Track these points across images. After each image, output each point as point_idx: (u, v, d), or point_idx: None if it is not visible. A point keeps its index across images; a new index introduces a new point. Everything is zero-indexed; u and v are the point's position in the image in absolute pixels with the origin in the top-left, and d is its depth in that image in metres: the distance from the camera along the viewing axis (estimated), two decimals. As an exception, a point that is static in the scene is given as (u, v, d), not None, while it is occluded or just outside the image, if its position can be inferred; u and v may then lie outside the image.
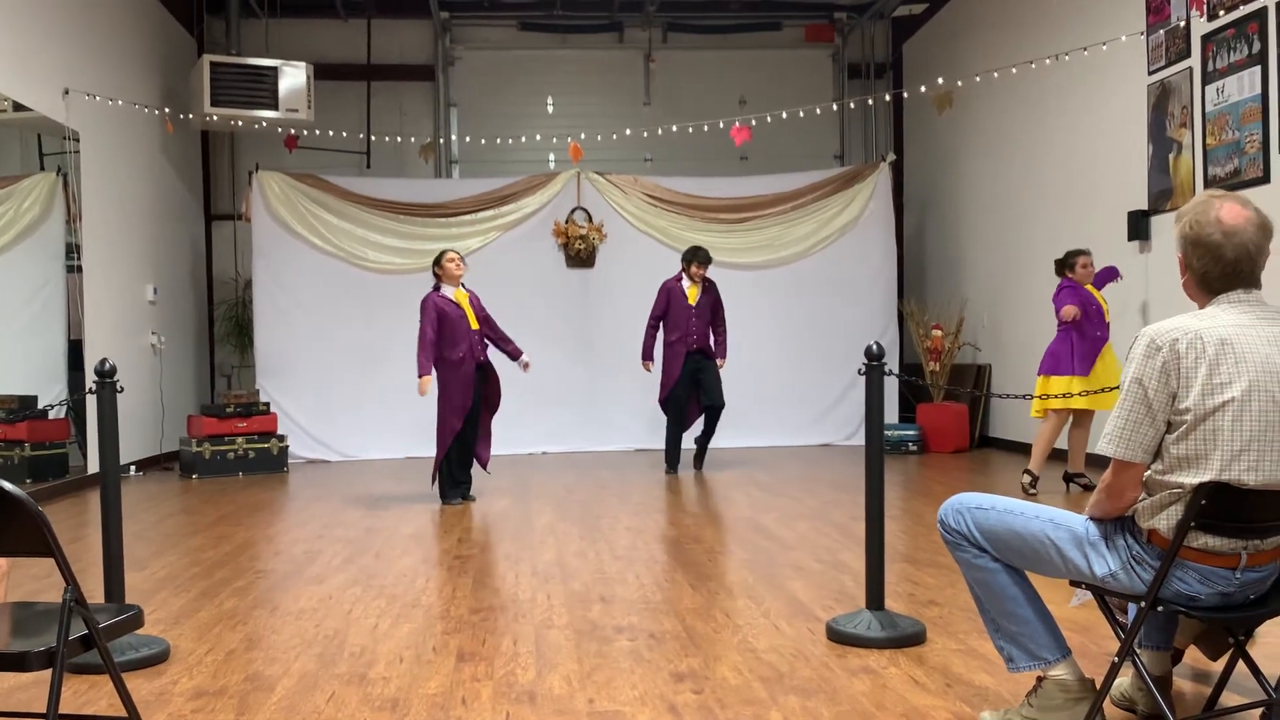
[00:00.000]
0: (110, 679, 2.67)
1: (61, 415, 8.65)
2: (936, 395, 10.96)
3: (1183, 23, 7.66)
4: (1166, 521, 2.54)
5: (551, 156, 12.54)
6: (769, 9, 12.77)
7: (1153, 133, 8.07)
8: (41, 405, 8.19)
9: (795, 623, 4.12)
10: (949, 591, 4.56)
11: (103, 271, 9.25)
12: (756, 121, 9.69)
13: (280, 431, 10.17)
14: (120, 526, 3.86)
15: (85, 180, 8.91)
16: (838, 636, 3.85)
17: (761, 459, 9.37)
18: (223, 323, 12.30)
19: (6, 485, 2.35)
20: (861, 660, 3.63)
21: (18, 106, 7.95)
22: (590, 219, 11.25)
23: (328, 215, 10.98)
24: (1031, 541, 2.76)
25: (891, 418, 11.16)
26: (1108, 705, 3.04)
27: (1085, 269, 7.53)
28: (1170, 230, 7.71)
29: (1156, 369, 2.51)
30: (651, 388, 11.01)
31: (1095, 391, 6.68)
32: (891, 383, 10.77)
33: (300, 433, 10.69)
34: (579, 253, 11.20)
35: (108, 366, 3.84)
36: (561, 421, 11.10)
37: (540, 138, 11.72)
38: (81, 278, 8.82)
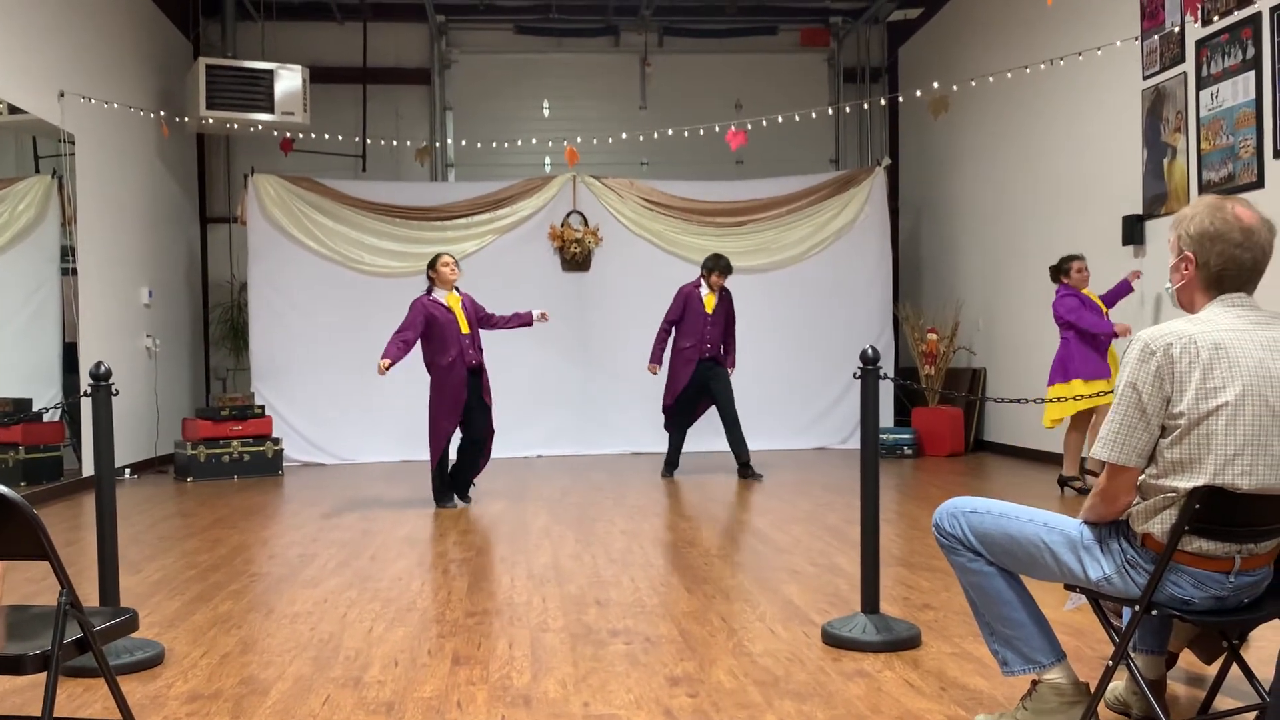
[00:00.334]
0: (105, 682, 2.66)
1: (56, 418, 8.64)
2: (932, 399, 10.98)
3: (1177, 28, 7.68)
4: (1161, 525, 2.55)
5: (547, 160, 12.55)
6: (765, 13, 12.78)
7: (1147, 137, 8.09)
8: (36, 408, 8.18)
9: (790, 626, 4.12)
10: (944, 595, 4.56)
11: (98, 274, 9.25)
12: (752, 125, 9.70)
13: (275, 434, 10.16)
14: (115, 529, 3.85)
15: (80, 183, 8.90)
16: (833, 640, 3.85)
17: (757, 462, 9.37)
18: (218, 326, 12.29)
19: (1, 488, 2.35)
20: (856, 664, 3.63)
21: (13, 109, 7.94)
22: (586, 222, 11.26)
23: (323, 218, 10.98)
24: (1026, 545, 2.77)
25: (887, 421, 11.18)
26: (1102, 709, 3.05)
27: (1080, 273, 7.58)
28: (1164, 234, 7.75)
29: (1150, 373, 2.51)
30: (648, 391, 11.03)
31: (1096, 395, 6.70)
32: (887, 386, 10.78)
33: (295, 436, 10.69)
34: (575, 256, 11.21)
35: (103, 369, 3.83)
36: (557, 425, 11.10)
37: (536, 141, 11.73)
38: (76, 280, 8.81)
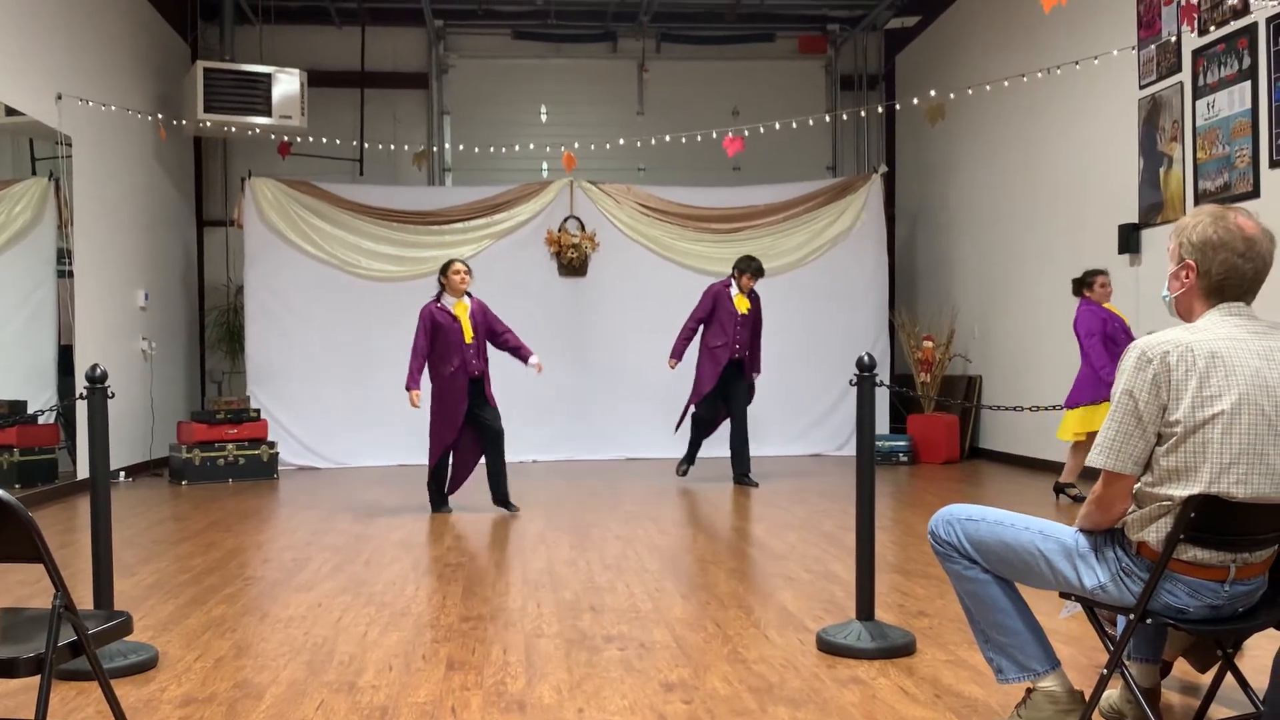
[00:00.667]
0: (99, 686, 2.66)
1: (51, 420, 8.62)
2: (927, 406, 10.99)
3: (1174, 38, 7.70)
4: (1156, 534, 2.55)
5: (544, 165, 12.56)
6: (762, 20, 12.81)
7: (1144, 147, 8.11)
8: (31, 410, 8.17)
9: (785, 633, 4.12)
10: (939, 602, 4.56)
11: (94, 277, 9.23)
12: (749, 132, 9.71)
13: (270, 438, 10.15)
14: (109, 532, 3.84)
15: (77, 185, 8.89)
16: (828, 647, 3.85)
17: (752, 468, 9.36)
18: (214, 329, 12.28)
19: (-3, 491, 2.35)
20: (851, 671, 3.63)
21: (10, 111, 7.93)
22: (583, 228, 11.26)
23: (320, 222, 10.98)
24: (1021, 553, 2.77)
25: (882, 428, 11.18)
26: (1096, 717, 3.05)
27: (1104, 288, 7.43)
28: (1161, 243, 7.77)
29: (1147, 381, 2.52)
30: (644, 397, 11.04)
31: None
32: (882, 393, 10.79)
33: (290, 439, 10.68)
34: (571, 261, 11.21)
35: (99, 372, 3.83)
36: (552, 430, 11.09)
37: (533, 146, 11.74)
38: (73, 283, 8.80)
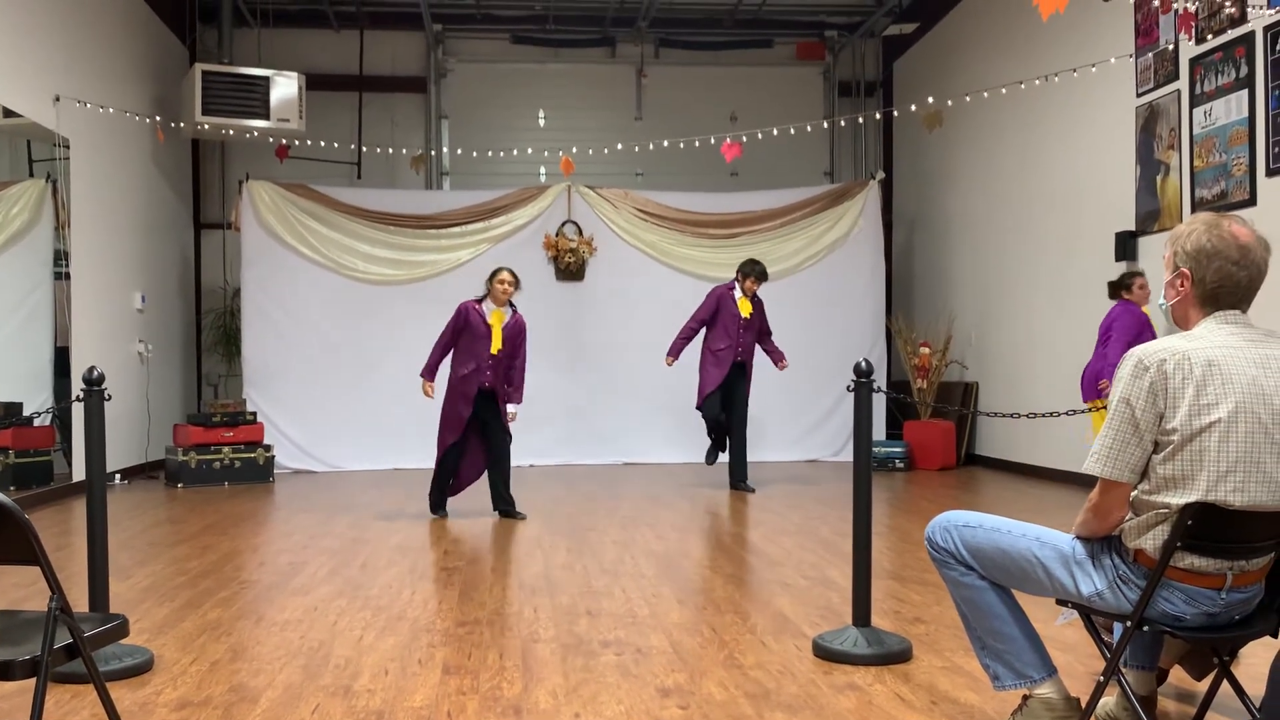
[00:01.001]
0: (94, 689, 2.65)
1: (47, 422, 8.61)
2: (924, 412, 11.00)
3: (1171, 46, 7.72)
4: (1153, 541, 2.55)
5: (542, 169, 12.57)
6: (761, 26, 12.83)
7: (1141, 154, 8.13)
8: (27, 412, 8.15)
9: (782, 639, 4.12)
10: (935, 609, 4.56)
11: (91, 279, 9.23)
12: (747, 138, 9.72)
13: (266, 441, 10.14)
14: (105, 535, 3.84)
15: (75, 187, 8.88)
16: (824, 653, 3.85)
17: (749, 474, 9.36)
18: (210, 332, 12.27)
19: (-7, 493, 2.34)
20: (848, 677, 3.63)
21: (8, 112, 7.93)
22: (580, 232, 11.26)
23: (317, 225, 10.97)
24: (1018, 560, 2.77)
25: (879, 434, 11.19)
26: (1093, 724, 3.05)
27: (1143, 290, 7.33)
28: (1158, 251, 7.78)
29: (1144, 389, 2.52)
30: (641, 401, 11.04)
31: None
32: (879, 400, 10.79)
33: (287, 443, 10.66)
34: (569, 266, 11.22)
35: (95, 374, 3.82)
36: (550, 435, 11.08)
37: (531, 151, 11.74)
38: (69, 285, 8.79)
